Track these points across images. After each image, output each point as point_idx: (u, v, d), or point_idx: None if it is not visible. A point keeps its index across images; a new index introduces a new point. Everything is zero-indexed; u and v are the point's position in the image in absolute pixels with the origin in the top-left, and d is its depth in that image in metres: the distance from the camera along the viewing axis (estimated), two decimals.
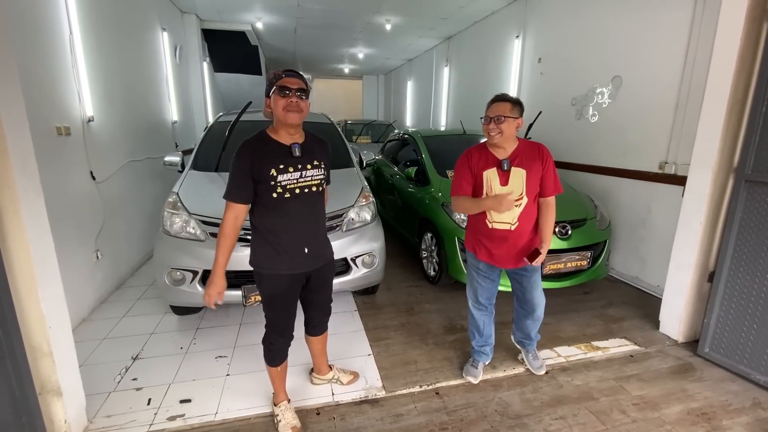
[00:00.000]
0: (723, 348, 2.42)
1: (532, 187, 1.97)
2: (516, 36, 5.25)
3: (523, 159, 1.96)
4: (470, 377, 2.29)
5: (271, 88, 1.54)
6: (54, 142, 2.64)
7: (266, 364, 1.87)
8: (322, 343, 2.11)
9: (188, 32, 5.98)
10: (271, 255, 1.68)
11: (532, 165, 1.96)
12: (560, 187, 2.02)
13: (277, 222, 1.65)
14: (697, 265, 2.59)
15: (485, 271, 2.16)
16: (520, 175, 1.94)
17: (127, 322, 2.88)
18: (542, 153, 1.98)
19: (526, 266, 2.08)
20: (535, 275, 2.13)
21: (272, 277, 1.71)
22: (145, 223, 4.03)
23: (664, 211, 3.31)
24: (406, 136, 4.74)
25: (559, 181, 2.03)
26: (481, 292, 2.21)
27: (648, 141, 3.45)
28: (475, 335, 2.33)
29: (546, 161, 1.98)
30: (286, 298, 1.77)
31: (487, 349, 2.36)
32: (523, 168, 1.95)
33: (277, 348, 1.84)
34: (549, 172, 1.98)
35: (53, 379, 1.71)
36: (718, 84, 2.34)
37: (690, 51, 3.06)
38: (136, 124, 4.00)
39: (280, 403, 1.93)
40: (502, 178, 1.96)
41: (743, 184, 2.29)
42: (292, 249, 1.69)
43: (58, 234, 2.58)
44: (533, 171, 1.95)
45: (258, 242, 1.71)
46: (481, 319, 2.28)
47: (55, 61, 2.69)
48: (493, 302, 2.28)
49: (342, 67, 11.35)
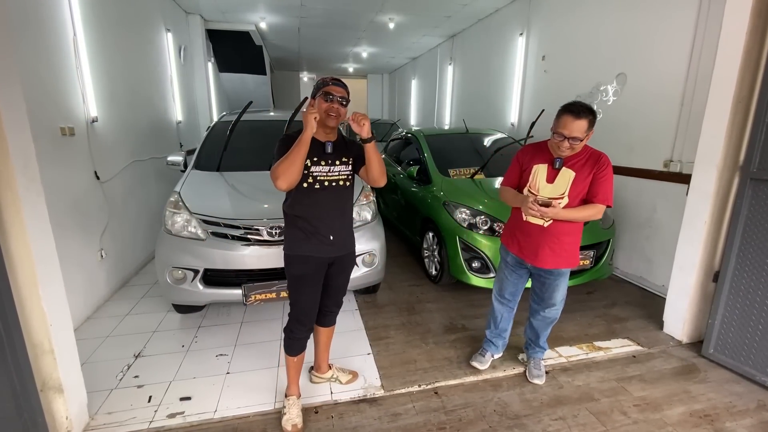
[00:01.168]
0: (728, 349, 2.39)
1: (577, 191, 1.92)
2: (520, 33, 5.21)
3: (577, 162, 1.94)
4: (476, 363, 2.36)
5: (318, 91, 1.74)
6: (58, 143, 2.67)
7: (285, 354, 1.96)
8: (327, 336, 2.17)
9: (193, 33, 6.02)
10: (300, 238, 1.82)
11: (584, 170, 1.92)
12: (609, 200, 1.92)
13: (307, 210, 1.80)
14: (702, 265, 2.55)
15: (513, 265, 2.19)
16: (568, 176, 1.93)
17: (131, 320, 2.92)
18: (599, 161, 1.92)
19: (551, 270, 2.06)
20: (559, 279, 2.10)
21: (300, 258, 1.83)
22: (149, 223, 4.07)
23: (670, 210, 3.27)
24: (408, 135, 4.73)
25: (610, 193, 1.92)
26: (506, 286, 2.25)
27: (653, 138, 3.40)
28: (491, 325, 2.39)
29: (601, 169, 1.91)
30: (312, 279, 1.87)
31: (499, 342, 2.41)
32: (573, 170, 1.92)
33: (297, 337, 1.92)
34: (600, 180, 1.91)
35: (55, 376, 1.73)
36: (724, 79, 2.30)
37: (696, 46, 3.01)
38: (141, 125, 4.04)
39: (291, 396, 1.98)
40: (550, 175, 1.96)
41: (749, 182, 2.25)
42: (319, 235, 1.82)
43: (62, 233, 2.64)
44: (582, 175, 1.91)
45: (289, 228, 1.85)
46: (500, 312, 2.34)
47: (58, 62, 2.72)
48: (517, 299, 2.31)
49: (346, 66, 11.35)
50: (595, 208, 1.91)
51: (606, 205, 1.92)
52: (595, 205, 1.91)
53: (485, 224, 3.07)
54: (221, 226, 2.55)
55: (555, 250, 2.00)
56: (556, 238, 1.98)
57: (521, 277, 2.21)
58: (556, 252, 2.01)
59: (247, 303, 2.50)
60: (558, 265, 2.04)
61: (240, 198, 2.83)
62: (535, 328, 2.30)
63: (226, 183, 3.00)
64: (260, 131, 3.62)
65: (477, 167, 3.74)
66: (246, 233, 2.53)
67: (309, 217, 1.80)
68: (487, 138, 4.47)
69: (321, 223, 1.82)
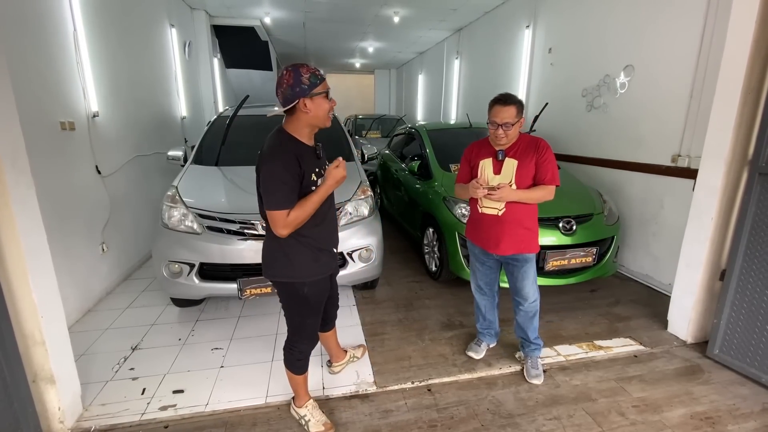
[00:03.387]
0: (734, 350, 2.30)
1: (523, 177, 2.02)
2: (526, 26, 5.10)
3: (518, 151, 2.05)
4: (471, 352, 2.44)
5: (314, 87, 1.47)
6: (58, 137, 2.70)
7: (292, 373, 1.83)
8: (334, 333, 2.23)
9: (198, 28, 6.04)
10: (309, 260, 1.65)
11: (526, 157, 2.03)
12: (556, 179, 2.03)
13: (315, 226, 1.63)
14: (708, 263, 2.46)
15: (480, 257, 2.26)
16: (512, 165, 2.03)
17: (131, 313, 2.95)
18: (538, 145, 2.04)
19: (516, 256, 2.12)
20: (525, 266, 2.14)
21: (317, 283, 1.70)
22: (152, 217, 4.08)
23: (678, 206, 3.16)
24: (412, 130, 4.68)
25: (556, 174, 2.04)
26: (480, 277, 2.32)
27: (661, 133, 3.30)
28: (479, 318, 2.46)
29: (541, 153, 2.02)
30: (323, 300, 1.80)
31: (491, 332, 2.46)
32: (516, 159, 2.03)
33: (306, 356, 1.82)
34: (543, 162, 2.01)
35: (46, 367, 1.75)
36: (732, 70, 2.20)
37: (705, 37, 2.89)
38: (144, 120, 4.07)
39: (306, 404, 1.89)
40: (496, 167, 2.07)
41: (757, 177, 2.15)
42: (326, 250, 1.73)
43: (63, 227, 2.68)
44: (525, 162, 2.02)
45: (290, 251, 1.63)
46: (482, 303, 2.39)
47: (58, 57, 2.74)
48: (494, 289, 2.35)
49: (353, 61, 11.31)
50: (545, 189, 2.01)
51: (554, 185, 2.02)
52: (545, 186, 2.01)
53: None
54: (217, 220, 2.55)
55: (513, 237, 2.07)
56: (511, 225, 2.06)
57: (491, 267, 2.27)
58: (514, 238, 2.08)
59: (242, 297, 2.50)
60: (518, 250, 2.10)
61: (237, 192, 2.83)
62: (521, 324, 2.29)
63: (224, 177, 3.00)
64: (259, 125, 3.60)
65: None
66: (242, 227, 2.53)
67: (315, 234, 1.65)
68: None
69: (327, 237, 1.72)
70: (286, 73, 1.47)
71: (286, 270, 1.65)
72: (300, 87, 1.46)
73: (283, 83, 1.47)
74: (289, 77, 1.46)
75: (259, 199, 1.63)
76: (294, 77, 1.46)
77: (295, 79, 1.46)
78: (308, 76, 1.47)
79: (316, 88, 1.49)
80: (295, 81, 1.46)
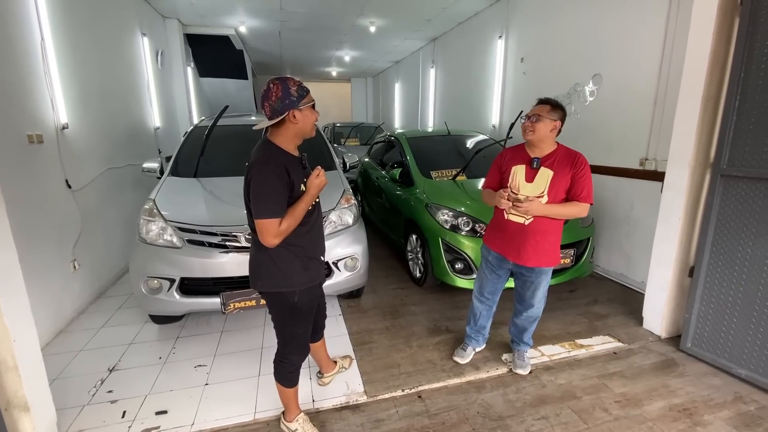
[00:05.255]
0: (704, 342, 2.43)
1: (556, 190, 1.97)
2: (499, 36, 5.27)
3: (554, 162, 1.99)
4: (457, 357, 2.44)
5: (300, 100, 1.51)
6: (26, 151, 2.58)
7: (283, 387, 1.81)
8: (323, 344, 2.22)
9: (170, 37, 5.92)
10: (299, 269, 1.66)
11: (562, 169, 1.97)
12: (591, 197, 1.97)
13: (303, 235, 1.64)
14: (678, 261, 2.60)
15: (494, 264, 2.22)
16: (547, 175, 1.97)
17: (106, 333, 2.82)
18: (576, 161, 1.97)
19: (532, 269, 2.10)
20: (540, 278, 2.13)
21: (308, 290, 1.71)
22: (126, 232, 3.95)
23: (647, 207, 3.33)
24: (392, 138, 4.72)
25: (591, 191, 1.97)
26: (486, 284, 2.30)
27: (629, 137, 3.47)
28: (471, 322, 2.46)
29: (579, 168, 1.96)
30: (314, 308, 1.81)
31: (480, 337, 2.48)
32: (551, 170, 1.97)
33: (297, 368, 1.80)
34: (580, 179, 1.95)
35: (20, 393, 1.65)
36: (693, 80, 2.35)
37: (666, 47, 3.08)
38: (116, 131, 3.94)
39: (297, 417, 1.87)
40: (529, 175, 2.01)
41: (719, 178, 2.30)
42: (315, 258, 1.74)
43: (31, 244, 2.55)
44: (561, 174, 1.96)
45: (279, 260, 1.62)
46: (479, 310, 2.39)
47: (25, 67, 2.63)
48: (496, 299, 2.36)
49: (329, 70, 11.33)
50: (579, 206, 1.96)
51: (588, 203, 1.97)
52: (579, 203, 1.96)
53: (467, 225, 3.07)
54: (198, 233, 2.49)
55: (536, 248, 2.03)
56: (537, 236, 2.02)
57: (501, 276, 2.25)
58: (538, 250, 2.04)
59: (226, 311, 2.44)
60: (539, 263, 2.07)
61: (217, 204, 2.77)
62: (519, 327, 2.34)
63: (203, 189, 2.94)
64: (238, 136, 3.56)
65: (459, 169, 3.76)
66: (224, 240, 2.48)
67: (305, 243, 1.65)
68: (468, 139, 4.50)
69: (316, 245, 1.74)
70: (274, 86, 1.49)
71: (277, 280, 1.64)
72: (289, 99, 1.49)
73: (272, 96, 1.48)
74: (278, 90, 1.48)
75: (248, 211, 1.61)
76: (282, 90, 1.48)
77: (283, 91, 1.48)
78: (296, 89, 1.51)
79: (304, 99, 1.53)
80: (284, 93, 1.48)
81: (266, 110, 1.52)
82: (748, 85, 2.14)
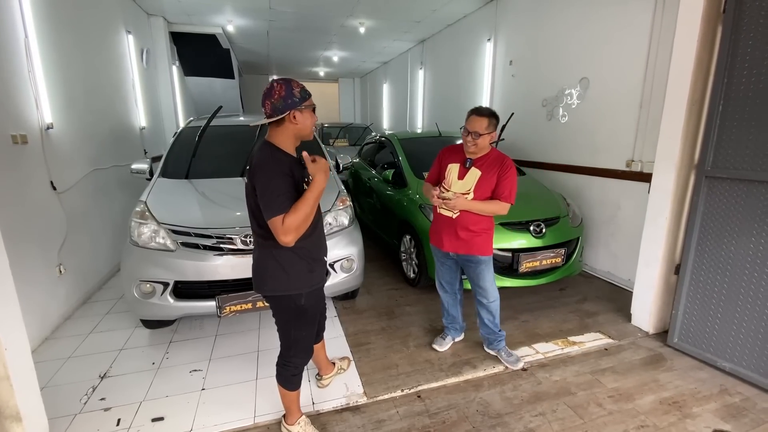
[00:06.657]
0: (691, 337, 2.52)
1: (482, 188, 2.19)
2: (488, 39, 5.34)
3: (484, 164, 2.21)
4: (435, 345, 2.60)
5: (302, 101, 1.52)
6: (9, 152, 2.49)
7: (286, 390, 1.80)
8: (324, 346, 2.24)
9: (156, 35, 5.80)
10: (305, 271, 1.65)
11: (490, 171, 2.19)
12: (512, 198, 2.19)
13: (307, 237, 1.62)
14: (664, 259, 2.69)
15: (440, 257, 2.44)
16: (475, 174, 2.20)
17: (95, 339, 2.75)
18: (503, 164, 2.20)
19: (470, 257, 2.29)
20: (480, 267, 2.30)
21: (314, 293, 1.72)
22: (112, 234, 3.86)
23: (633, 208, 3.43)
24: (383, 139, 4.73)
25: (513, 193, 2.19)
26: (441, 275, 2.50)
27: (615, 140, 3.57)
28: (444, 313, 2.63)
29: (504, 170, 2.18)
30: (319, 311, 1.81)
31: (456, 326, 2.63)
32: (480, 170, 2.20)
33: (301, 370, 1.80)
34: (504, 180, 2.18)
35: (11, 403, 1.60)
36: (678, 84, 2.44)
37: (651, 52, 3.19)
38: (101, 131, 3.83)
39: (299, 420, 1.87)
40: (461, 173, 2.24)
41: (704, 179, 2.39)
42: (320, 259, 1.74)
43: (16, 248, 2.46)
44: (487, 175, 2.19)
45: (285, 263, 1.61)
46: (445, 300, 2.57)
47: (9, 66, 2.54)
48: (455, 288, 2.53)
49: (317, 70, 11.27)
50: (500, 204, 2.18)
51: (509, 203, 2.18)
52: (501, 202, 2.18)
53: None
54: (192, 235, 2.45)
55: (464, 239, 2.24)
56: (463, 228, 2.23)
57: (450, 267, 2.44)
58: (466, 240, 2.24)
59: (222, 315, 2.41)
60: (470, 251, 2.26)
61: (211, 206, 2.73)
62: (485, 322, 2.44)
63: (196, 191, 2.89)
64: (230, 137, 3.52)
65: None
66: (218, 242, 2.45)
67: (309, 245, 1.65)
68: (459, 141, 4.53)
69: (320, 246, 1.74)
70: (278, 85, 1.50)
71: (282, 283, 1.63)
72: (292, 99, 1.50)
73: (274, 94, 1.49)
74: (281, 89, 1.49)
75: (250, 214, 1.61)
76: (286, 89, 1.50)
77: (287, 91, 1.50)
78: (299, 90, 1.54)
79: (306, 102, 1.55)
80: (287, 93, 1.50)
81: (267, 108, 1.53)
82: (731, 90, 2.23)
